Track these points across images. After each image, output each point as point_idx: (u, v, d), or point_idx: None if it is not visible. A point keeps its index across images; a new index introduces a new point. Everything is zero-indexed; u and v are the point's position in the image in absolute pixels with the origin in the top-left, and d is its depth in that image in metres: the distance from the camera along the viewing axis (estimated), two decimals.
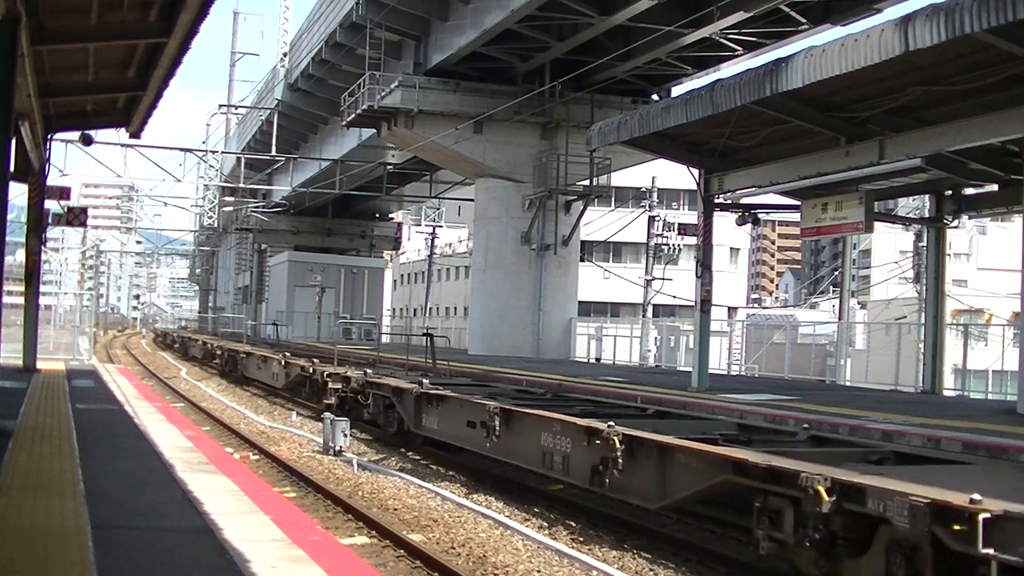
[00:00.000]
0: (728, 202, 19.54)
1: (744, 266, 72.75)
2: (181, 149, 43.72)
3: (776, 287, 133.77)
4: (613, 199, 48.07)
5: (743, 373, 29.62)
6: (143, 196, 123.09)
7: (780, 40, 28.75)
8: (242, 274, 78.35)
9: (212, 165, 57.54)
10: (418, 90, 33.38)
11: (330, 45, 39.62)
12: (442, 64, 33.41)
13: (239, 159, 53.24)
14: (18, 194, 21.45)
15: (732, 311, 51.20)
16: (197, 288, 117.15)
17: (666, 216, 44.65)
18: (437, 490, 13.22)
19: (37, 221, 21.07)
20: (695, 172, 18.97)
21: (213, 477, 9.06)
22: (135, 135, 24.04)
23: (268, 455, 16.58)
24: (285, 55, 52.18)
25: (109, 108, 21.89)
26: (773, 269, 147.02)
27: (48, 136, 22.02)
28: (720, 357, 30.54)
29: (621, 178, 40.64)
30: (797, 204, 19.13)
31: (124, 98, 20.85)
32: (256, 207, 59.34)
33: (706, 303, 19.27)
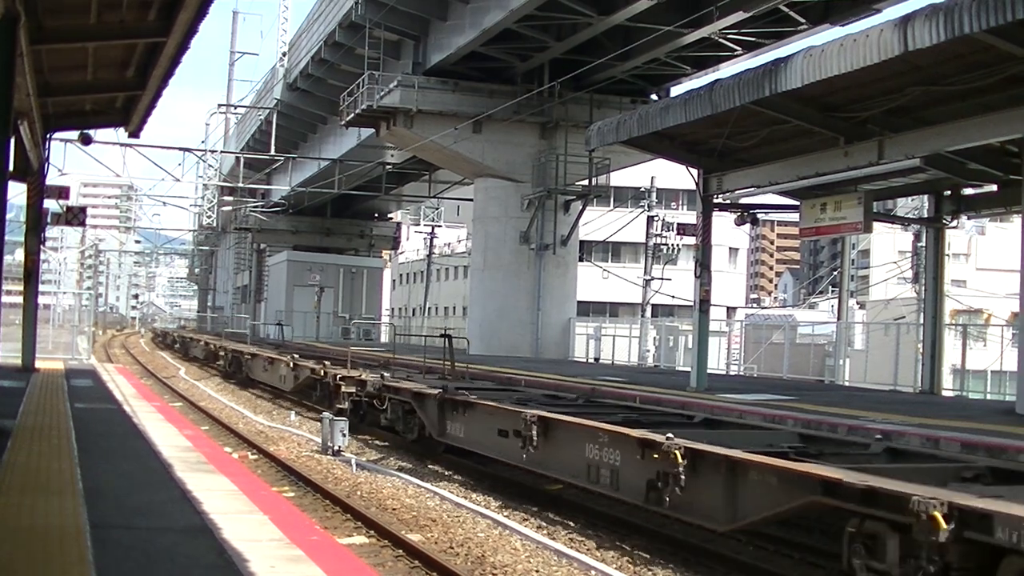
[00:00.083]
0: (727, 202, 19.55)
1: (743, 266, 72.78)
2: (180, 148, 43.75)
3: (775, 287, 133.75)
4: (612, 199, 48.14)
5: (742, 373, 29.64)
6: (142, 195, 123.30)
7: (779, 40, 28.77)
8: (241, 274, 78.34)
9: (211, 165, 57.55)
10: (417, 90, 33.40)
11: (329, 45, 39.64)
12: (441, 64, 33.43)
13: (238, 159, 53.23)
14: (17, 193, 21.42)
15: (731, 311, 51.16)
16: (196, 288, 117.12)
17: (665, 216, 44.68)
18: (436, 490, 13.21)
19: (36, 220, 21.06)
20: (694, 172, 18.98)
21: (211, 476, 9.05)
22: (134, 134, 24.04)
23: (267, 455, 16.57)
24: (284, 55, 52.21)
25: (108, 107, 21.88)
26: (772, 269, 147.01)
27: (47, 135, 22.02)
28: (719, 357, 30.54)
29: (620, 178, 40.64)
30: (796, 204, 19.14)
31: (123, 97, 20.84)
32: (255, 207, 59.34)
33: (705, 303, 19.28)
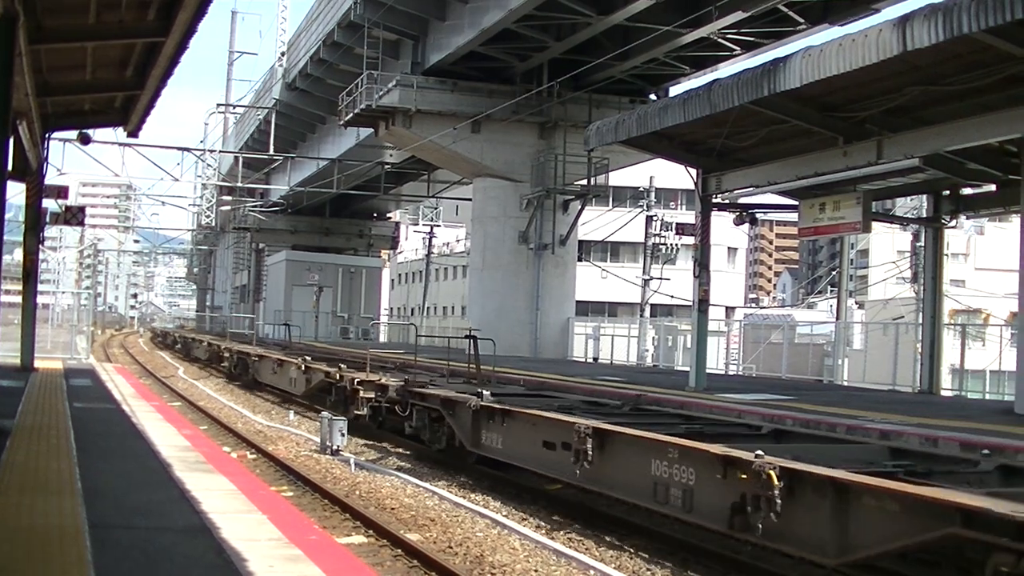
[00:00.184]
0: (726, 202, 19.56)
1: (742, 266, 72.80)
2: (179, 148, 43.73)
3: (774, 287, 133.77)
4: (611, 199, 48.15)
5: (740, 373, 29.63)
6: (141, 195, 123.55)
7: (778, 40, 28.79)
8: (240, 273, 78.33)
9: (210, 164, 57.51)
10: (416, 89, 33.41)
11: (328, 44, 39.65)
12: (440, 64, 33.43)
13: (237, 158, 53.23)
14: (16, 193, 21.41)
15: (730, 311, 51.19)
16: (195, 287, 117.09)
17: (664, 216, 44.71)
18: (435, 489, 13.21)
19: (35, 220, 21.07)
20: (693, 172, 18.98)
21: (210, 476, 9.06)
22: (133, 134, 24.05)
23: (265, 454, 16.57)
24: (283, 54, 52.20)
25: (107, 107, 21.89)
26: (771, 269, 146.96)
27: (46, 135, 22.03)
28: (718, 357, 30.57)
29: (619, 178, 40.62)
30: (795, 204, 19.14)
31: (122, 97, 20.84)
32: (254, 206, 59.33)
33: (704, 303, 19.28)
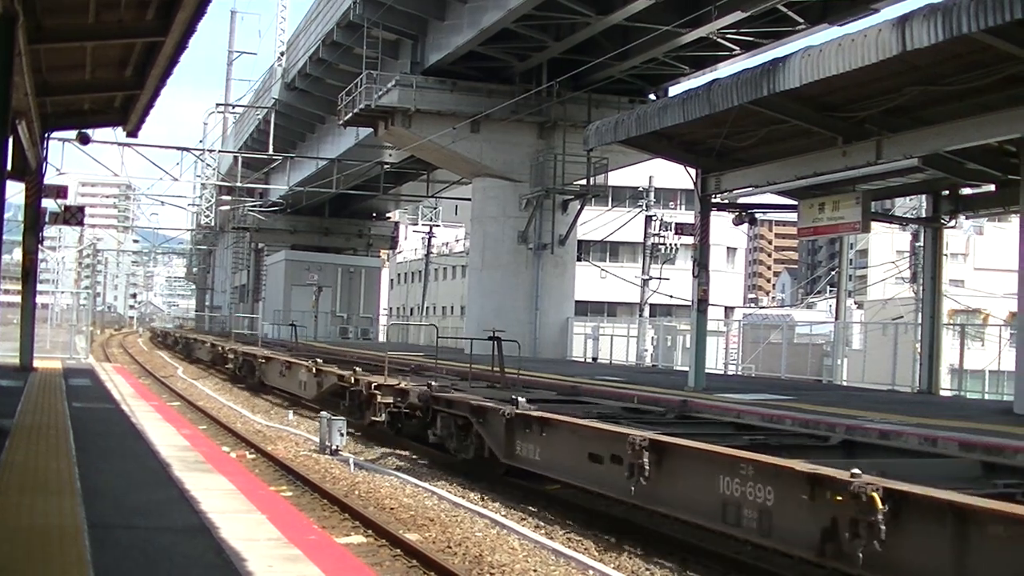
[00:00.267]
0: (725, 202, 19.58)
1: (741, 266, 72.84)
2: (178, 148, 43.74)
3: (773, 287, 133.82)
4: (610, 199, 48.14)
5: (740, 373, 29.64)
6: (140, 195, 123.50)
7: (777, 40, 28.80)
8: (239, 273, 78.34)
9: (209, 164, 57.54)
10: (415, 89, 33.41)
11: (327, 44, 39.66)
12: (439, 63, 33.44)
13: (236, 158, 53.23)
14: (15, 193, 21.43)
15: (729, 311, 51.22)
16: (194, 287, 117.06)
17: (663, 216, 44.75)
18: (434, 489, 13.20)
19: (34, 220, 21.05)
20: (692, 172, 18.99)
21: (210, 476, 9.05)
22: (132, 134, 24.05)
23: (264, 454, 16.56)
24: (282, 54, 52.21)
25: (106, 107, 21.89)
26: (770, 269, 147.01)
27: (45, 135, 22.02)
28: (717, 357, 30.58)
29: (618, 178, 40.62)
30: (794, 204, 19.15)
31: (121, 97, 20.83)
32: (253, 206, 59.33)
33: (703, 303, 19.29)
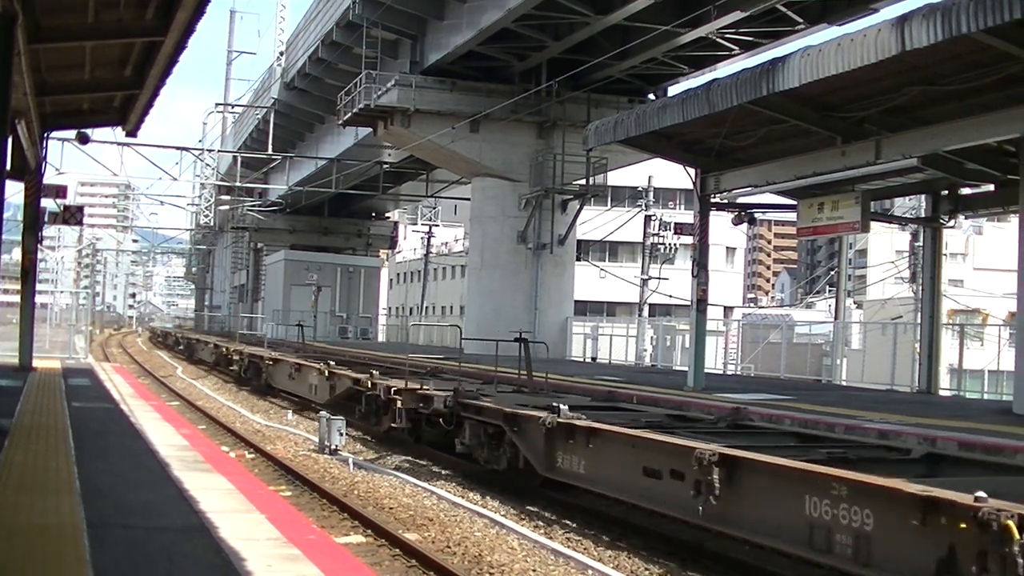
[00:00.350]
0: (724, 201, 19.58)
1: (740, 266, 72.89)
2: (178, 148, 43.69)
3: (772, 287, 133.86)
4: (609, 198, 48.16)
5: (739, 373, 29.65)
6: (139, 195, 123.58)
7: (777, 40, 28.81)
8: (238, 273, 78.31)
9: (208, 164, 57.50)
10: (414, 89, 33.41)
11: (327, 44, 39.66)
12: (439, 63, 33.44)
13: (235, 158, 53.21)
14: (15, 192, 21.40)
15: (728, 311, 51.24)
16: (193, 287, 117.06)
17: (662, 215, 44.80)
18: (433, 489, 13.19)
19: (33, 219, 21.05)
20: (691, 171, 18.99)
21: (209, 476, 9.05)
22: (131, 133, 24.05)
23: (264, 454, 16.55)
24: (282, 54, 52.21)
25: (105, 106, 21.88)
26: (769, 269, 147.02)
27: (44, 134, 22.02)
28: (716, 357, 30.59)
29: (617, 177, 40.62)
30: (793, 204, 19.15)
31: (120, 96, 20.83)
32: (252, 206, 59.34)
33: (702, 302, 19.29)
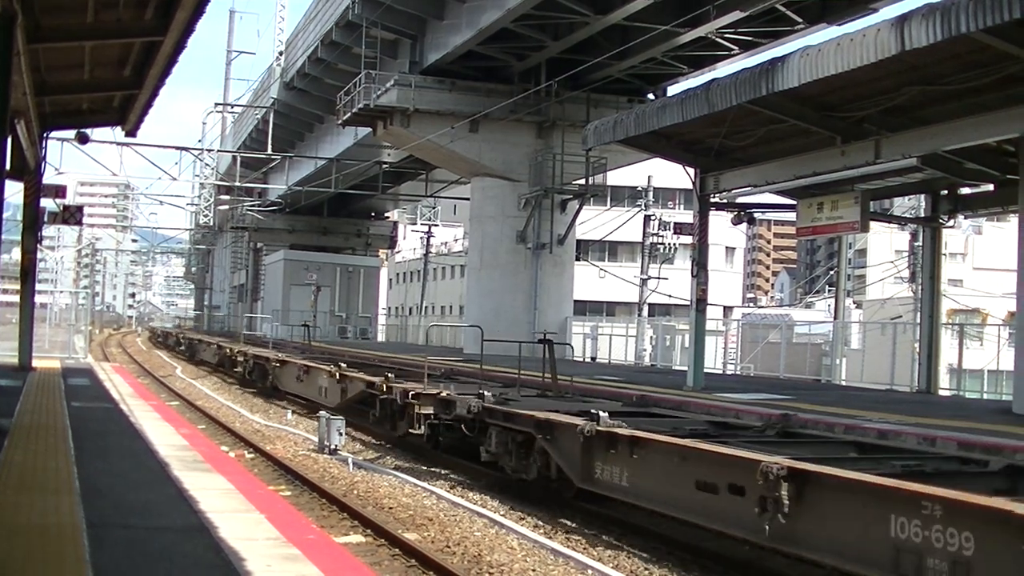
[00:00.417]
0: (724, 201, 19.56)
1: (740, 265, 72.93)
2: (177, 147, 43.67)
3: (772, 286, 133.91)
4: (609, 198, 48.17)
5: (738, 372, 29.65)
6: (139, 194, 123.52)
7: (776, 40, 28.81)
8: (237, 272, 78.30)
9: (208, 164, 57.49)
10: (414, 89, 33.41)
11: (326, 44, 39.66)
12: (438, 63, 33.44)
13: (235, 158, 53.20)
14: (14, 192, 21.40)
15: (728, 310, 51.27)
16: (193, 287, 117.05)
17: (662, 215, 44.82)
18: (432, 489, 13.19)
19: (33, 219, 21.04)
20: (691, 171, 18.98)
21: (208, 475, 9.05)
22: (131, 133, 24.04)
23: (263, 453, 16.55)
24: (281, 54, 52.20)
25: (105, 106, 21.87)
26: (769, 268, 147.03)
27: (44, 134, 22.00)
28: (715, 356, 30.59)
29: (617, 177, 40.62)
30: (793, 203, 19.14)
31: (120, 96, 20.82)
32: (252, 206, 59.33)
33: (702, 302, 19.28)
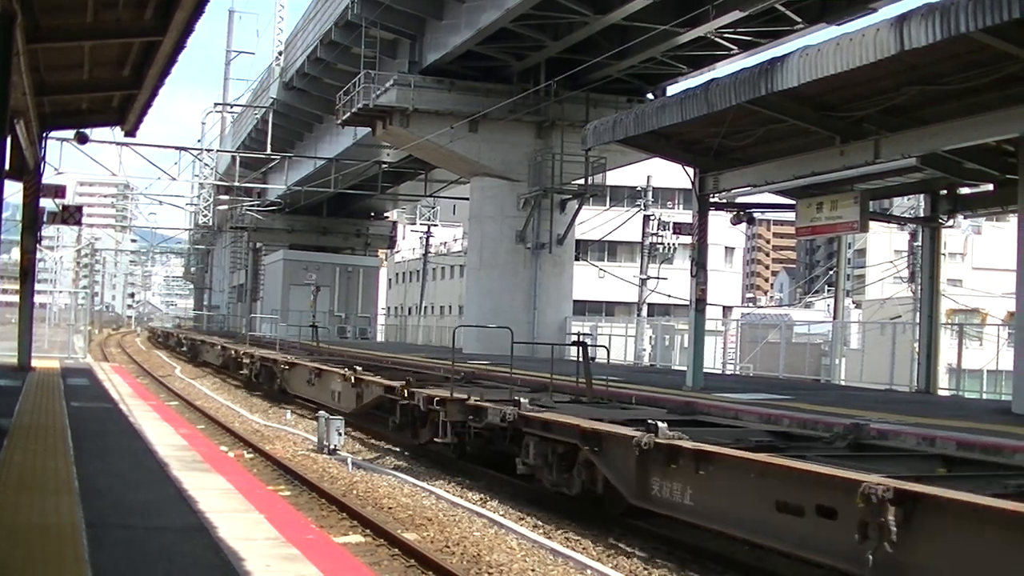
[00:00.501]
0: (723, 201, 19.55)
1: (739, 265, 72.95)
2: (176, 147, 43.65)
3: (771, 286, 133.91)
4: (608, 198, 48.17)
5: (738, 372, 29.64)
6: (138, 194, 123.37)
7: (775, 39, 28.80)
8: (237, 273, 78.29)
9: (207, 164, 57.49)
10: (413, 89, 33.39)
11: (325, 44, 39.63)
12: (437, 63, 33.42)
13: (234, 158, 53.20)
14: (13, 192, 21.42)
15: (727, 310, 51.28)
16: (192, 287, 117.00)
17: (661, 215, 44.83)
18: (432, 489, 13.20)
19: (32, 219, 21.05)
20: (690, 171, 18.97)
21: (207, 475, 9.06)
22: (130, 133, 24.03)
23: (262, 453, 16.56)
24: (280, 54, 52.16)
25: (104, 106, 21.87)
26: (768, 268, 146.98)
27: (43, 134, 22.00)
28: (715, 356, 30.56)
29: (616, 177, 40.66)
30: (792, 203, 19.13)
31: (119, 96, 20.81)
32: (251, 206, 59.30)
33: (701, 302, 19.27)
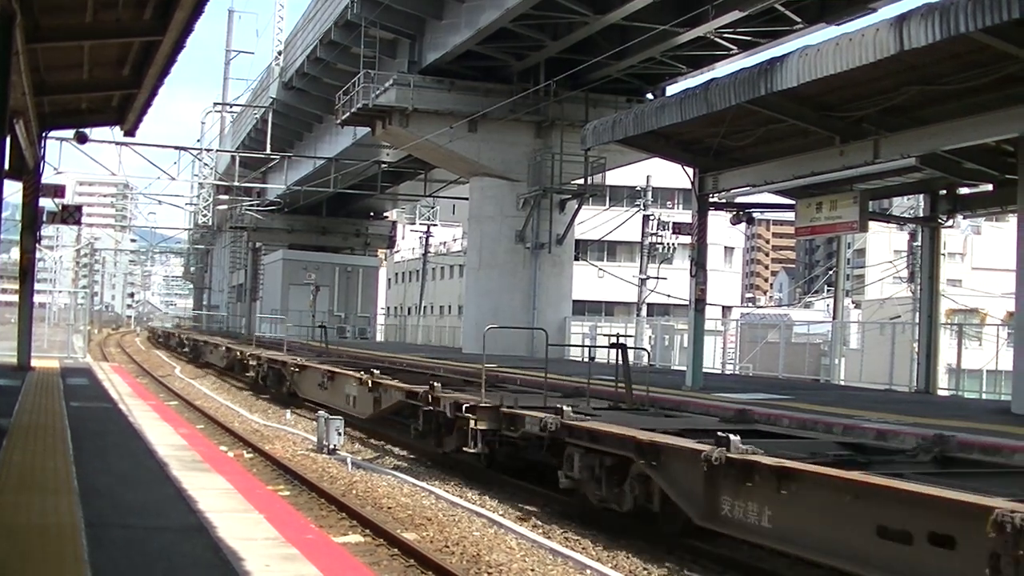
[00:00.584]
0: (723, 201, 19.56)
1: (739, 265, 72.97)
2: (176, 147, 43.62)
3: (771, 286, 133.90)
4: (607, 198, 48.14)
5: (737, 372, 29.65)
6: (138, 194, 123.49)
7: (775, 39, 28.81)
8: (236, 272, 78.27)
9: (207, 163, 57.48)
10: (413, 88, 33.39)
11: (325, 43, 39.64)
12: (437, 63, 33.43)
13: (234, 157, 53.20)
14: (13, 192, 21.44)
15: (726, 310, 51.26)
16: (191, 286, 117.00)
17: (660, 215, 44.83)
18: (431, 488, 13.19)
19: (32, 219, 21.05)
20: (690, 171, 18.99)
21: (207, 475, 9.05)
22: (130, 133, 24.04)
23: (262, 453, 16.55)
24: (280, 53, 52.16)
25: (104, 106, 21.87)
26: (768, 268, 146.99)
27: (43, 134, 22.01)
28: (714, 356, 30.57)
29: (616, 177, 40.64)
30: (792, 203, 19.14)
31: (119, 96, 20.82)
32: (251, 205, 59.29)
33: (700, 302, 19.29)
